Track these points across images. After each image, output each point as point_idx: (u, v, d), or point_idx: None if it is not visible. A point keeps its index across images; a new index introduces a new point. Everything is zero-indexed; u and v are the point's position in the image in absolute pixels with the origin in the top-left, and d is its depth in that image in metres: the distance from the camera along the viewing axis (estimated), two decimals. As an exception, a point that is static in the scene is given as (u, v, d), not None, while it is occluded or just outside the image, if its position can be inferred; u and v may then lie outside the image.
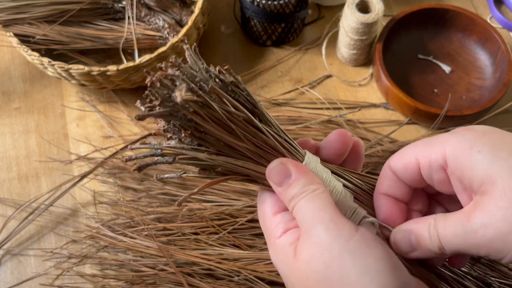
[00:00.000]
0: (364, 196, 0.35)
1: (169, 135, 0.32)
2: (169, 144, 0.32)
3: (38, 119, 0.70)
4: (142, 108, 0.30)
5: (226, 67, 0.31)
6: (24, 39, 0.64)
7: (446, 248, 0.29)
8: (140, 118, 0.29)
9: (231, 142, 0.32)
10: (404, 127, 0.67)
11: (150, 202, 0.61)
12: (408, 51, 0.71)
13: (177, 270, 0.53)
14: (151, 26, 0.68)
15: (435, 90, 0.68)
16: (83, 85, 0.66)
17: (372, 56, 0.70)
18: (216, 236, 0.56)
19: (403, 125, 0.67)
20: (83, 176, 0.62)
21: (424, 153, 0.31)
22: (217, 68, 0.32)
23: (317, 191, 0.30)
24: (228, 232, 0.56)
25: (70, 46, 0.67)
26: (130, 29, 0.67)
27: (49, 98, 0.71)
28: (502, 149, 0.28)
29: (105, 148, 0.66)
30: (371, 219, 0.33)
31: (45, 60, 0.61)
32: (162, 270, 0.55)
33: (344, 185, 0.34)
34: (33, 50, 0.62)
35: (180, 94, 0.28)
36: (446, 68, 0.69)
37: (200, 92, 0.29)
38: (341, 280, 0.27)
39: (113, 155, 0.64)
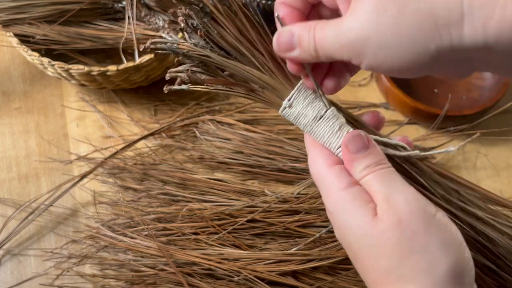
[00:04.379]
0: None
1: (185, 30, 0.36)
2: (185, 41, 0.36)
3: (38, 119, 0.70)
4: None
5: None
6: (24, 39, 0.64)
7: (320, 51, 0.32)
8: None
9: (239, 42, 0.35)
10: (404, 127, 0.67)
11: (150, 202, 0.61)
12: (408, 51, 0.71)
13: (177, 270, 0.53)
14: (151, 26, 0.68)
15: (435, 90, 0.68)
16: (83, 85, 0.66)
17: (372, 56, 0.70)
18: (216, 236, 0.56)
19: (403, 125, 0.67)
20: (83, 176, 0.62)
21: None
22: None
23: (391, 168, 0.34)
24: (228, 232, 0.56)
25: (70, 46, 0.67)
26: (130, 29, 0.67)
27: (49, 98, 0.71)
28: None
29: (105, 148, 0.66)
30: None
31: (45, 60, 0.61)
32: (162, 270, 0.55)
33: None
34: (33, 50, 0.62)
35: None
36: (446, 68, 0.69)
37: None
38: (424, 246, 0.31)
39: (113, 155, 0.64)
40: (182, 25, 0.36)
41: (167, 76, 0.38)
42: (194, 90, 0.37)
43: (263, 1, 0.66)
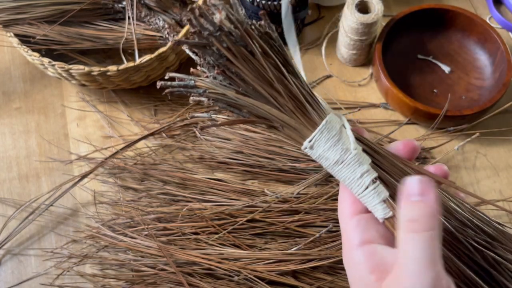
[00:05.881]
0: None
1: (205, 75, 0.36)
2: (202, 79, 0.36)
3: (38, 119, 0.70)
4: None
5: (262, 12, 0.34)
6: (25, 39, 0.64)
7: None
8: (178, 43, 0.33)
9: (257, 83, 0.34)
10: (403, 127, 0.68)
11: (150, 202, 0.62)
12: (408, 51, 0.71)
13: (177, 270, 0.53)
14: (151, 26, 0.68)
15: (435, 90, 0.68)
16: (83, 85, 0.66)
17: (372, 56, 0.70)
18: (216, 236, 0.56)
19: (403, 125, 0.68)
20: (83, 176, 0.62)
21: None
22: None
23: (434, 232, 0.30)
24: (228, 232, 0.56)
25: (70, 46, 0.67)
26: (130, 29, 0.67)
27: (49, 98, 0.71)
28: None
29: (105, 148, 0.67)
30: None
31: (46, 60, 0.61)
32: (162, 270, 0.55)
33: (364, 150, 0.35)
34: (33, 50, 0.62)
35: (220, 16, 0.32)
36: (446, 68, 0.70)
37: (238, 24, 0.32)
38: None
39: (113, 155, 0.64)
40: (200, 61, 0.35)
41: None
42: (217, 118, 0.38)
43: (263, 1, 0.66)
